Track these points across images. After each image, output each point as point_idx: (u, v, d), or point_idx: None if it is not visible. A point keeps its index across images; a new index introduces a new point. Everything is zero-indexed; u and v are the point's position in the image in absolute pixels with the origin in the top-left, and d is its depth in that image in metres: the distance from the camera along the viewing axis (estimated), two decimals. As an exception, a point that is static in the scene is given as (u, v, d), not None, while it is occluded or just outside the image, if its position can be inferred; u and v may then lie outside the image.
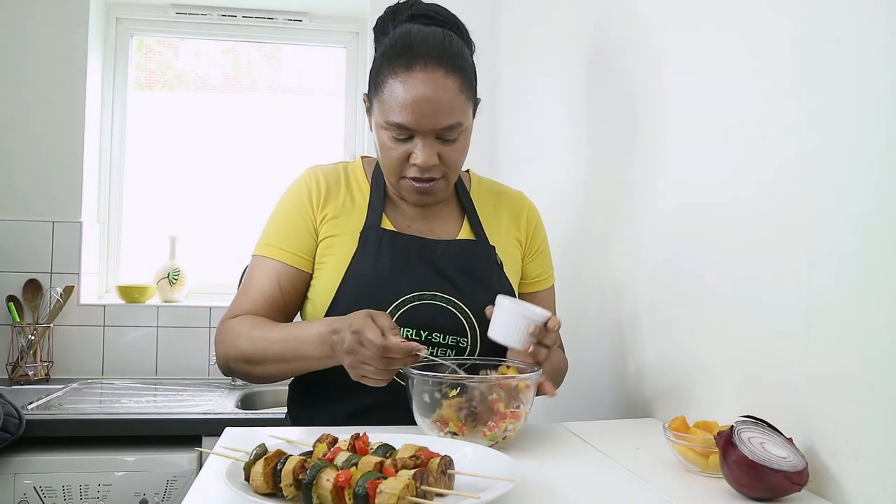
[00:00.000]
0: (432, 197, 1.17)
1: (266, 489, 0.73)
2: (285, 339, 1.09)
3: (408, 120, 1.07)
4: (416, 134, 1.09)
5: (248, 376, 1.15)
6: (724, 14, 1.07)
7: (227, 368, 1.16)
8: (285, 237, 1.18)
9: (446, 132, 1.10)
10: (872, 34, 0.77)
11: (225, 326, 1.16)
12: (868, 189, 0.77)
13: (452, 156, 1.13)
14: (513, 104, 2.15)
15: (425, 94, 1.07)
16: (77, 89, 2.42)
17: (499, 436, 0.95)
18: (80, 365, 2.40)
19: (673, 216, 1.21)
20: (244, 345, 1.11)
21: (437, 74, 1.07)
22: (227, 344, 1.14)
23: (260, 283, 1.17)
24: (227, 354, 1.14)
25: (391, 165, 1.13)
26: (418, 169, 1.11)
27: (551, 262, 1.34)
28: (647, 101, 1.31)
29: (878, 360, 0.74)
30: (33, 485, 1.76)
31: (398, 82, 1.08)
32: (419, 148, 1.10)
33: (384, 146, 1.13)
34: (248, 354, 1.11)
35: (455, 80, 1.09)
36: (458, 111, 1.10)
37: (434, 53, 1.08)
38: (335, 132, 2.76)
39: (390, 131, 1.10)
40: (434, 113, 1.07)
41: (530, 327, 1.01)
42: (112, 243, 2.63)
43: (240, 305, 1.17)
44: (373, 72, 1.15)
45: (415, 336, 1.13)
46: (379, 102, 1.12)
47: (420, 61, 1.07)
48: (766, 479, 0.77)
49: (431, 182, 1.13)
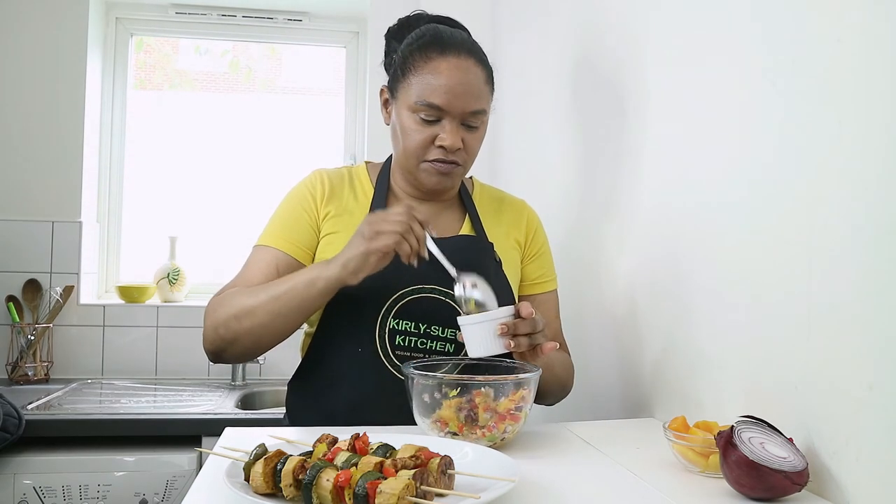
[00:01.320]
0: (450, 180, 1.19)
1: (266, 489, 0.73)
2: (279, 280, 1.09)
3: (441, 100, 1.11)
4: (444, 116, 1.13)
5: (235, 339, 1.09)
6: (718, 16, 1.07)
7: (214, 338, 1.11)
8: (287, 229, 1.19)
9: (472, 118, 1.15)
10: (872, 34, 0.77)
11: (216, 298, 1.14)
12: (869, 189, 0.77)
13: (473, 143, 1.17)
14: (511, 109, 2.15)
15: (459, 78, 1.12)
16: (77, 89, 2.43)
17: (497, 437, 0.95)
18: (80, 365, 2.40)
19: (672, 217, 1.21)
20: (236, 301, 1.09)
21: (468, 62, 1.14)
22: (218, 310, 1.10)
23: (258, 268, 1.16)
24: (216, 319, 1.10)
25: (414, 148, 1.15)
26: (443, 151, 1.14)
27: (553, 267, 1.34)
28: (641, 102, 1.31)
29: (878, 360, 0.74)
30: (33, 485, 1.76)
31: (432, 65, 1.13)
32: (447, 130, 1.13)
33: (409, 129, 1.15)
34: (238, 309, 1.08)
35: (482, 71, 1.16)
36: (484, 99, 1.16)
37: (465, 45, 1.16)
38: (335, 132, 2.76)
39: (420, 113, 1.13)
40: (465, 96, 1.12)
41: (497, 328, 1.00)
42: (112, 243, 2.63)
43: (234, 283, 1.16)
44: (399, 60, 1.18)
45: (413, 329, 1.14)
46: (406, 87, 1.15)
47: (453, 49, 1.14)
48: (766, 479, 0.77)
49: (453, 165, 1.16)
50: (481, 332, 1.01)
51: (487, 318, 1.01)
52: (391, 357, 1.13)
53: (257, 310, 1.07)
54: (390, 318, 1.13)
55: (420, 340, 1.14)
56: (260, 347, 1.11)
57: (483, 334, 1.01)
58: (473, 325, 1.02)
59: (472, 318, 1.03)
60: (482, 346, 1.01)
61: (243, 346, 1.10)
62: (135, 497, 1.79)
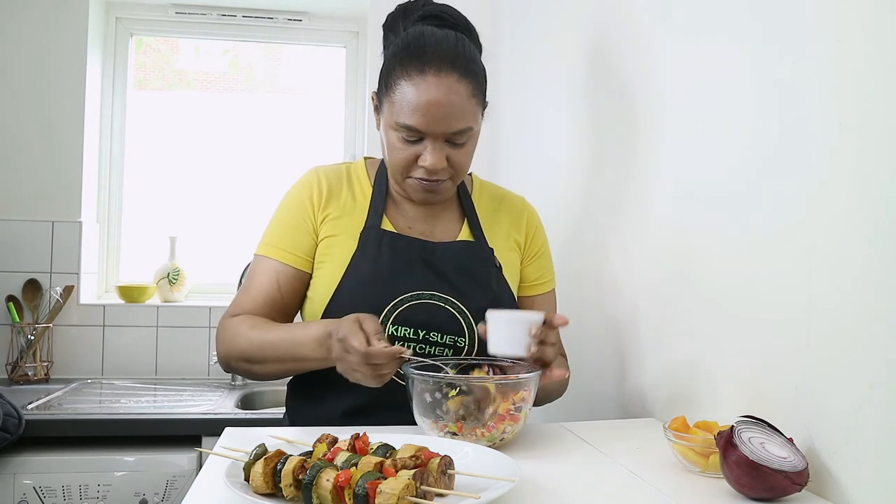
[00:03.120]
0: (437, 196, 1.18)
1: (266, 489, 0.73)
2: (283, 341, 1.09)
3: (419, 123, 1.07)
4: (425, 137, 1.09)
5: (249, 374, 1.17)
6: (722, 15, 1.07)
7: (227, 366, 1.18)
8: (285, 237, 1.19)
9: (456, 136, 1.10)
10: (872, 34, 0.77)
11: (225, 325, 1.17)
12: (869, 188, 0.77)
13: (460, 159, 1.13)
14: (512, 106, 2.15)
15: (437, 99, 1.06)
16: (77, 89, 2.42)
17: (497, 437, 0.95)
18: (80, 365, 2.40)
19: (672, 217, 1.21)
20: (243, 345, 1.13)
21: (450, 79, 1.07)
22: (227, 343, 1.16)
23: (259, 283, 1.18)
24: (228, 353, 1.16)
25: (398, 166, 1.14)
26: (426, 171, 1.11)
27: (552, 267, 1.34)
28: (645, 101, 1.31)
29: (878, 360, 0.74)
30: (33, 485, 1.76)
31: (411, 85, 1.07)
32: (428, 151, 1.10)
33: (392, 147, 1.13)
34: (248, 354, 1.13)
35: (467, 85, 1.09)
36: (469, 116, 1.10)
37: (448, 58, 1.08)
38: (335, 132, 2.76)
39: (400, 133, 1.10)
40: (445, 117, 1.07)
41: (531, 329, 0.99)
42: (112, 243, 2.63)
43: (240, 304, 1.19)
44: (384, 71, 1.14)
45: (412, 335, 1.13)
46: (389, 103, 1.11)
47: (433, 65, 1.07)
48: (766, 479, 0.77)
49: (438, 182, 1.14)
50: (510, 330, 1.00)
51: (521, 318, 1.01)
52: None
53: (267, 362, 1.12)
54: (389, 325, 1.13)
55: (419, 346, 1.14)
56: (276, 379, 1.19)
57: (511, 332, 1.00)
58: (504, 321, 1.01)
59: (504, 315, 1.02)
60: (508, 344, 1.00)
61: (259, 379, 1.20)
62: (135, 497, 1.79)
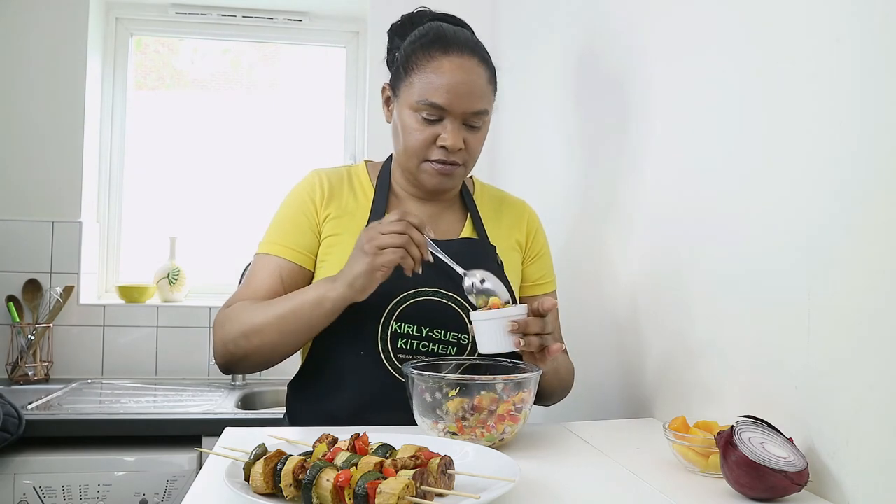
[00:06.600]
0: (450, 181, 1.18)
1: (266, 489, 0.73)
2: (282, 299, 1.10)
3: (443, 100, 1.11)
4: (446, 116, 1.13)
5: (245, 356, 1.11)
6: (717, 14, 1.07)
7: (224, 353, 1.13)
8: (288, 234, 1.19)
9: (474, 118, 1.14)
10: (872, 34, 0.77)
11: (224, 312, 1.15)
12: (869, 187, 0.77)
13: (475, 143, 1.17)
14: (511, 109, 2.15)
15: (461, 77, 1.11)
16: (77, 89, 2.43)
17: (497, 437, 0.95)
18: (80, 365, 2.40)
19: (673, 218, 1.21)
20: (244, 318, 1.10)
21: (472, 62, 1.13)
22: (227, 325, 1.12)
23: (261, 278, 1.17)
24: (226, 335, 1.12)
25: (415, 147, 1.15)
26: (445, 151, 1.14)
27: (552, 268, 1.34)
28: (643, 102, 1.31)
29: (878, 360, 0.74)
30: (33, 485, 1.76)
31: (435, 64, 1.12)
32: (448, 130, 1.13)
33: (410, 129, 1.14)
34: (247, 326, 1.09)
35: (486, 71, 1.15)
36: (486, 99, 1.15)
37: (468, 44, 1.15)
38: (335, 132, 2.76)
39: (421, 112, 1.13)
40: (468, 95, 1.12)
41: (508, 325, 1.00)
42: (112, 243, 2.63)
43: (240, 295, 1.17)
44: (402, 58, 1.17)
45: (415, 332, 1.14)
46: (408, 85, 1.14)
47: (456, 48, 1.13)
48: (766, 479, 0.77)
49: (454, 166, 1.15)
50: (493, 329, 1.01)
51: (499, 315, 1.01)
52: (393, 360, 1.13)
53: (265, 328, 1.08)
54: (392, 322, 1.13)
55: (422, 344, 1.14)
56: (270, 362, 1.13)
57: (494, 330, 1.01)
58: (485, 320, 1.02)
59: (484, 314, 1.03)
60: (493, 342, 1.01)
61: (254, 362, 1.13)
62: (135, 497, 1.79)
